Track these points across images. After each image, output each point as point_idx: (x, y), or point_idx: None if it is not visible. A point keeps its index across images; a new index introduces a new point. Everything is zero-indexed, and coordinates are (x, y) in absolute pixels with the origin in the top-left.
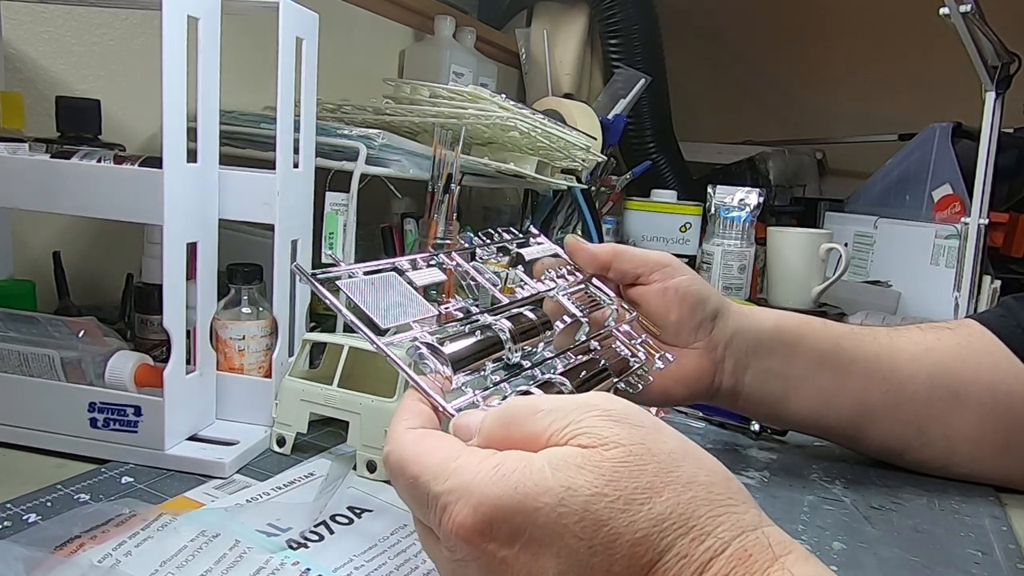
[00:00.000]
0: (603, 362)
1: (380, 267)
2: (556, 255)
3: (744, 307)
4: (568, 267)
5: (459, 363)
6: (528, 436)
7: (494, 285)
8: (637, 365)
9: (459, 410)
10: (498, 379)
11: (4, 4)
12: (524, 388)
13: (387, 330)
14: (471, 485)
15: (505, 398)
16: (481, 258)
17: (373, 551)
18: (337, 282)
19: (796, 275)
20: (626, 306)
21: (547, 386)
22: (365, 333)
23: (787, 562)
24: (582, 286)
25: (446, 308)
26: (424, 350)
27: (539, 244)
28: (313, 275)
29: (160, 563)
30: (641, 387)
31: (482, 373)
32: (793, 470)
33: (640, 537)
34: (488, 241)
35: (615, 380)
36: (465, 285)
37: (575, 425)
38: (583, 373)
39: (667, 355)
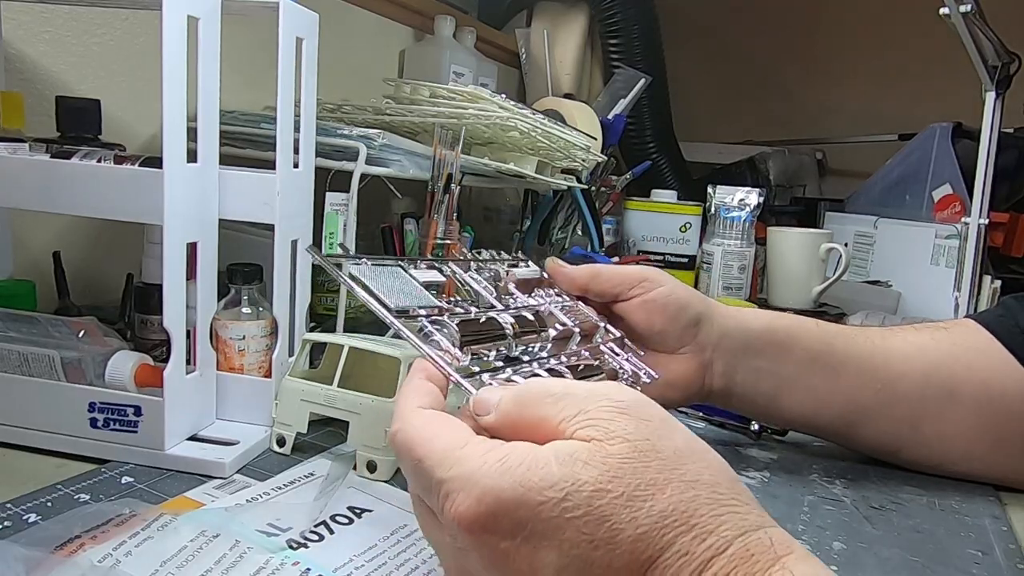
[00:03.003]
0: (597, 363)
1: (385, 261)
2: (542, 278)
3: (732, 308)
4: (555, 289)
5: (465, 339)
6: (540, 419)
7: (490, 294)
8: (625, 377)
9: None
10: (500, 366)
11: (4, 4)
12: (533, 372)
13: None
14: (475, 475)
15: (510, 378)
16: (477, 270)
17: (373, 551)
18: (348, 264)
19: (796, 275)
20: (610, 328)
21: (552, 372)
22: (378, 309)
23: (788, 562)
24: (571, 303)
25: (448, 302)
26: (431, 327)
27: (526, 268)
28: (326, 257)
29: (160, 563)
30: None
31: (485, 358)
32: (793, 470)
33: (641, 533)
34: (480, 260)
35: None
36: (465, 289)
37: (584, 414)
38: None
39: (651, 371)
